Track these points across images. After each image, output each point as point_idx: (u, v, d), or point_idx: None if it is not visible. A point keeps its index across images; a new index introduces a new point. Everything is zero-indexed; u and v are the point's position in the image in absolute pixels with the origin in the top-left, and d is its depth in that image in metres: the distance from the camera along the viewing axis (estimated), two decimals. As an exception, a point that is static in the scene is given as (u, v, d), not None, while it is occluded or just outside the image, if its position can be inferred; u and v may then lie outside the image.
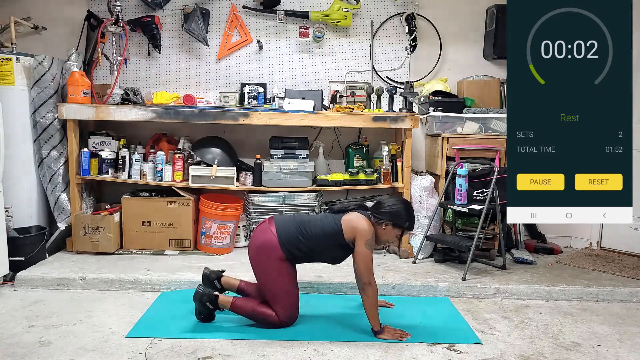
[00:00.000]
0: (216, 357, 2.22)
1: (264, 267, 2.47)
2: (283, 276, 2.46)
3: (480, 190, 3.57)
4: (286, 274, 2.47)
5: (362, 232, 2.40)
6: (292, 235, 2.46)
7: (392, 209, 2.48)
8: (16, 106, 3.35)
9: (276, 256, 2.44)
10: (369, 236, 2.40)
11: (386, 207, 2.48)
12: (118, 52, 3.62)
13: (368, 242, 2.40)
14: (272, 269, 2.45)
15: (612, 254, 3.97)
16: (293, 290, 2.50)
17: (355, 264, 2.44)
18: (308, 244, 2.45)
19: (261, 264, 2.48)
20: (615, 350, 2.42)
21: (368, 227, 2.42)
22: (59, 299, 2.85)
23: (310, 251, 2.48)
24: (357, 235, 2.41)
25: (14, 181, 3.35)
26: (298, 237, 2.45)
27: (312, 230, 2.46)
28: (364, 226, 2.41)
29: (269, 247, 2.45)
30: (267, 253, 2.45)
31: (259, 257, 2.48)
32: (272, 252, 2.44)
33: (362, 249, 2.39)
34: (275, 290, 2.47)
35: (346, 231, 2.43)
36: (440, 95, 3.82)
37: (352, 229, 2.42)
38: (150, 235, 3.61)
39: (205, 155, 3.68)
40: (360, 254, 2.40)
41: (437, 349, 2.36)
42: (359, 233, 2.40)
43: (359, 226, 2.42)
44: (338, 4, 3.92)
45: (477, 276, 3.27)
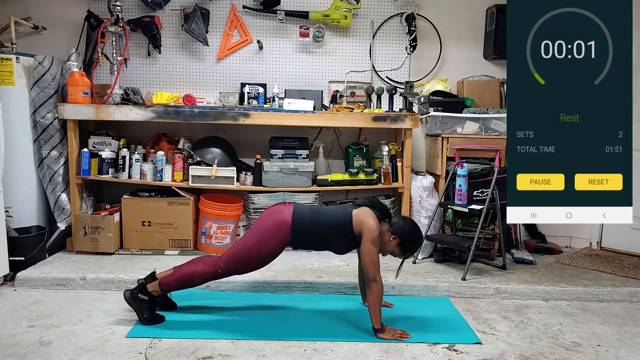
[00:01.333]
0: (216, 357, 2.22)
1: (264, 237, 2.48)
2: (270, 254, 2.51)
3: (480, 190, 3.57)
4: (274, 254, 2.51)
5: (369, 228, 2.42)
6: (305, 219, 2.48)
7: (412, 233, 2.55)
8: (16, 106, 3.35)
9: (283, 237, 2.47)
10: (375, 233, 2.42)
11: (408, 228, 2.55)
12: (118, 52, 3.62)
13: (374, 239, 2.41)
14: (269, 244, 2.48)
15: (612, 254, 3.97)
16: (253, 262, 2.52)
17: (362, 260, 2.47)
18: (318, 230, 2.47)
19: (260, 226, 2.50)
20: (615, 350, 2.42)
21: (375, 224, 2.44)
22: (59, 299, 2.85)
23: (318, 236, 2.49)
24: (364, 230, 2.43)
25: (14, 181, 3.35)
26: (310, 221, 2.48)
27: (323, 218, 2.50)
28: (371, 223, 2.43)
29: (280, 226, 2.46)
30: (277, 231, 2.47)
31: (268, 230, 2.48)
32: (281, 232, 2.46)
33: (368, 245, 2.41)
34: (253, 254, 2.48)
35: (355, 223, 2.46)
36: (440, 95, 3.82)
37: (360, 223, 2.45)
38: (150, 235, 3.61)
39: (205, 155, 3.68)
40: (365, 250, 2.42)
41: (437, 349, 2.36)
42: (365, 229, 2.43)
43: (367, 222, 2.43)
44: (338, 4, 3.92)
45: (477, 276, 3.27)
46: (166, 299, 2.68)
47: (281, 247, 2.52)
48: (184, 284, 2.55)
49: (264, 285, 3.03)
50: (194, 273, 2.51)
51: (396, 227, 2.51)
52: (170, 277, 2.54)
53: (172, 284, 2.54)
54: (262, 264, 2.55)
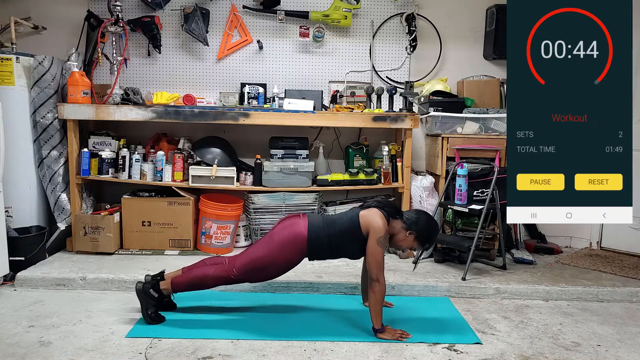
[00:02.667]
0: (216, 357, 2.22)
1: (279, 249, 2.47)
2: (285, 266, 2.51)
3: (480, 190, 3.57)
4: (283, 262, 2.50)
5: (375, 228, 2.42)
6: (321, 231, 2.47)
7: (427, 225, 2.52)
8: (16, 106, 3.35)
9: (299, 250, 2.47)
10: (381, 233, 2.41)
11: (422, 221, 2.52)
12: (118, 52, 3.62)
13: (380, 239, 2.41)
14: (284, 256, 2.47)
15: (612, 254, 3.97)
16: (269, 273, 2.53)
17: (366, 259, 2.47)
18: (332, 239, 2.47)
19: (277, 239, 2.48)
20: (615, 350, 2.42)
21: (383, 224, 2.43)
22: (59, 299, 2.85)
23: (334, 247, 2.49)
24: (370, 230, 2.43)
25: (14, 181, 3.35)
26: (325, 232, 2.47)
27: (335, 227, 2.49)
28: (378, 223, 2.42)
29: (297, 239, 2.46)
30: (293, 244, 2.46)
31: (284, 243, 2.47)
32: (298, 245, 2.46)
33: (373, 245, 2.41)
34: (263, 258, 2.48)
35: (363, 225, 2.45)
36: (440, 95, 3.82)
37: (367, 224, 2.44)
38: (150, 235, 3.61)
39: (205, 155, 3.68)
40: (370, 250, 2.42)
41: (437, 349, 2.36)
42: (372, 228, 2.42)
43: (374, 222, 2.43)
44: (338, 4, 3.92)
45: (477, 276, 3.27)
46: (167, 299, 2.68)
47: (297, 260, 2.51)
48: (196, 286, 2.56)
49: (264, 285, 3.03)
50: (206, 275, 2.52)
51: (410, 223, 2.50)
52: (182, 278, 2.55)
53: (184, 285, 2.55)
54: (275, 275, 2.56)
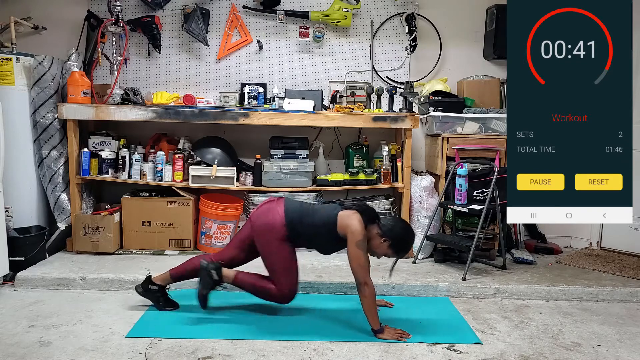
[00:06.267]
0: (216, 357, 2.22)
1: (265, 245, 2.55)
2: (282, 256, 2.54)
3: (480, 190, 3.57)
4: (285, 254, 2.54)
5: (353, 232, 2.42)
6: (297, 218, 2.53)
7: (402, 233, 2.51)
8: (16, 106, 3.35)
9: (277, 237, 2.52)
10: (359, 237, 2.41)
11: (398, 228, 2.51)
12: (118, 52, 3.62)
13: (359, 242, 2.41)
14: (272, 247, 2.53)
15: (612, 254, 3.96)
16: (291, 268, 2.57)
17: (350, 265, 2.45)
18: (308, 230, 2.52)
19: (262, 242, 2.56)
20: (615, 350, 2.42)
21: (360, 228, 2.43)
22: (59, 299, 2.85)
23: (308, 236, 2.55)
24: (348, 234, 2.44)
25: (14, 181, 3.35)
26: (301, 221, 2.52)
27: (313, 217, 2.54)
28: (355, 227, 2.42)
29: (271, 228, 2.52)
30: (268, 234, 2.53)
31: (261, 236, 2.56)
32: (274, 233, 2.52)
33: (353, 249, 2.41)
34: (275, 267, 2.55)
35: (340, 225, 2.48)
36: (440, 95, 3.82)
37: (345, 226, 2.46)
38: (150, 235, 3.61)
39: (205, 155, 3.68)
40: (352, 254, 2.42)
41: (437, 349, 2.36)
42: (349, 232, 2.43)
43: (351, 226, 2.43)
44: (338, 4, 3.92)
45: (477, 276, 3.27)
46: (167, 298, 2.69)
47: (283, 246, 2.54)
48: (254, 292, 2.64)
49: (264, 285, 3.03)
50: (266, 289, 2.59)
51: (385, 230, 2.48)
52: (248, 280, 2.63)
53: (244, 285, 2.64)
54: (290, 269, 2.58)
